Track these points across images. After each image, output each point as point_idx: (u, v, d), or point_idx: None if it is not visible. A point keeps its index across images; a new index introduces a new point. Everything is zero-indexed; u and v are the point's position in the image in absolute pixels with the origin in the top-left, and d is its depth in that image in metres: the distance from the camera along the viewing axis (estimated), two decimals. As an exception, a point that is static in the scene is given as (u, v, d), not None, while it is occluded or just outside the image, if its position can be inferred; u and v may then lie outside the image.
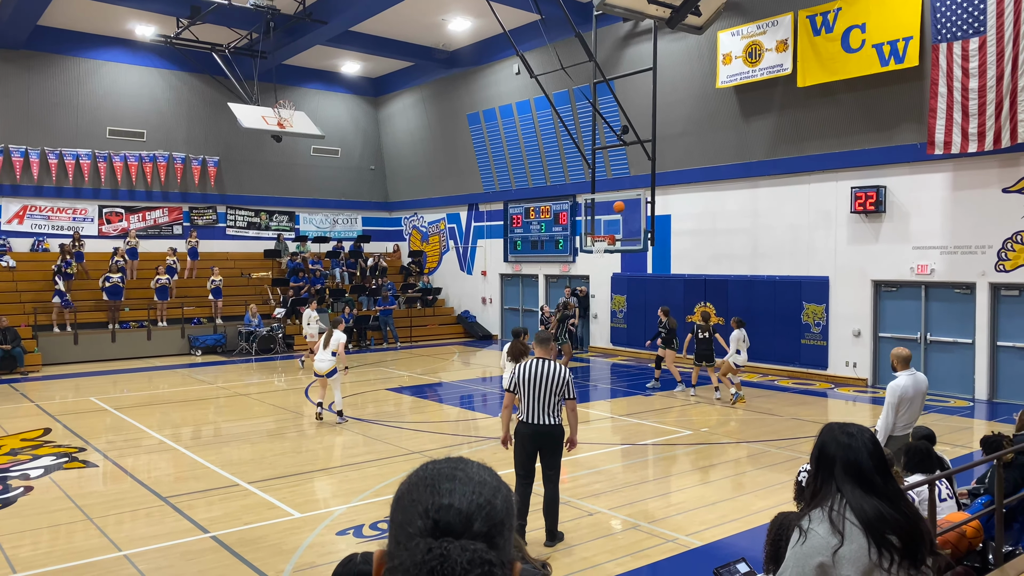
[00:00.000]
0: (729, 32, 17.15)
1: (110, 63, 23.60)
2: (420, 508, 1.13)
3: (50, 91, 22.82)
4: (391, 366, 19.48)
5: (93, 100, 23.49)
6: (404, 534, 1.12)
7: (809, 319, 16.71)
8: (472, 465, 1.22)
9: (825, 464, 2.63)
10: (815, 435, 2.74)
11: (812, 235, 16.65)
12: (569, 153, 21.80)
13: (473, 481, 1.17)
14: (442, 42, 23.68)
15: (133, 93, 24.13)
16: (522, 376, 6.86)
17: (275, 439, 11.50)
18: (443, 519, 1.11)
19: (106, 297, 20.82)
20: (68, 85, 23.07)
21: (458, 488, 1.15)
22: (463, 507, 1.12)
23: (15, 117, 22.29)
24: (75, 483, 9.18)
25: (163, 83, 24.61)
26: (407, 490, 1.18)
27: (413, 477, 1.20)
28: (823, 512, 2.54)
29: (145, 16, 21.06)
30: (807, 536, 2.52)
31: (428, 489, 1.15)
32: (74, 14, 21.04)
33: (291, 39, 21.57)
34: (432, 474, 1.18)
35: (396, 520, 1.15)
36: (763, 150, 17.33)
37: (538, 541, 6.99)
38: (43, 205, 22.97)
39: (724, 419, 12.70)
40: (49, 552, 6.98)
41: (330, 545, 7.10)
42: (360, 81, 28.35)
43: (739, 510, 7.93)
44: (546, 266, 23.50)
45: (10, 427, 12.29)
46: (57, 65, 22.83)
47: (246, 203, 26.56)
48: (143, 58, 23.95)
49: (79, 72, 23.19)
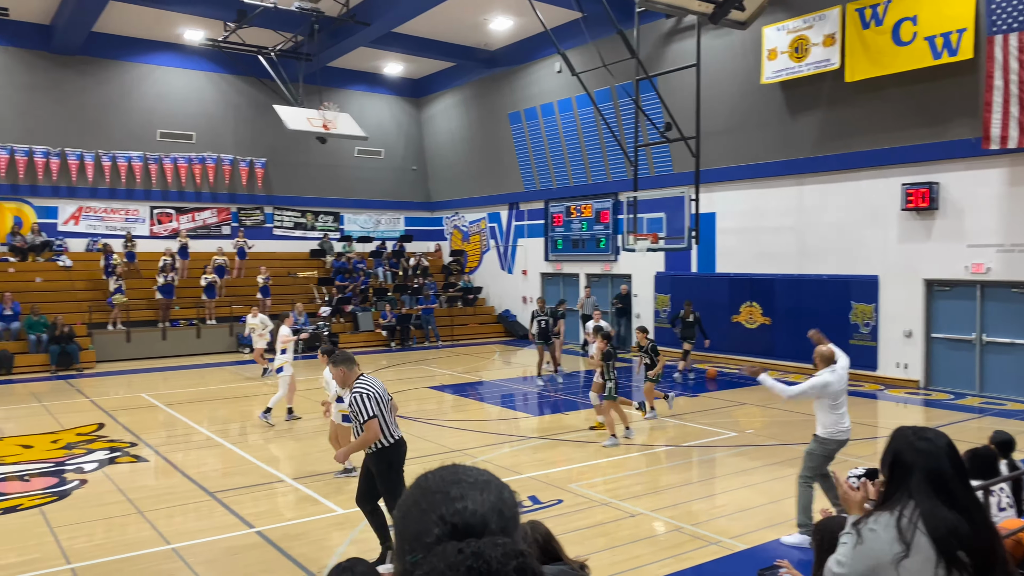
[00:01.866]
0: (774, 27, 16.86)
1: (160, 67, 24.17)
2: (435, 516, 1.13)
3: (104, 95, 23.46)
4: (432, 364, 19.59)
5: (144, 104, 24.09)
6: (421, 545, 1.12)
7: (858, 319, 16.35)
8: (470, 469, 1.23)
9: (901, 471, 2.50)
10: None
11: (861, 233, 16.28)
12: (611, 151, 21.68)
13: (479, 483, 1.19)
14: (483, 42, 23.74)
15: (182, 96, 24.68)
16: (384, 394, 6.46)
17: (319, 436, 11.64)
18: (461, 522, 1.12)
19: (158, 295, 21.34)
20: (121, 89, 23.70)
21: (467, 491, 1.16)
22: (478, 508, 1.14)
23: (71, 121, 22.97)
24: (127, 477, 9.41)
25: (211, 86, 25.12)
26: (413, 503, 1.18)
27: (416, 490, 1.21)
28: (891, 517, 2.43)
29: (194, 20, 21.53)
30: (865, 538, 2.43)
31: (438, 496, 1.16)
32: (126, 20, 21.60)
33: (335, 41, 21.83)
34: (437, 482, 1.19)
35: (408, 534, 1.15)
36: (809, 146, 17.01)
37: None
38: (97, 206, 23.63)
39: (770, 421, 12.49)
40: (102, 544, 7.17)
41: (372, 542, 7.15)
42: (402, 82, 28.58)
43: (785, 513, 7.78)
44: (587, 265, 23.39)
45: (66, 422, 12.66)
46: (110, 70, 23.46)
47: (292, 204, 26.99)
48: (192, 62, 24.49)
49: (131, 76, 23.80)
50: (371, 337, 23.48)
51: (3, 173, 22.03)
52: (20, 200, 22.48)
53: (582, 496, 8.41)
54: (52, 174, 22.70)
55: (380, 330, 23.52)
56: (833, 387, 6.98)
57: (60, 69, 22.64)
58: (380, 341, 23.35)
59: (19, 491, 8.82)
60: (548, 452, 10.62)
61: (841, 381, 7.07)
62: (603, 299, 22.97)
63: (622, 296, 21.58)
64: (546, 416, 13.19)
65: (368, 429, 6.21)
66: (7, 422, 12.67)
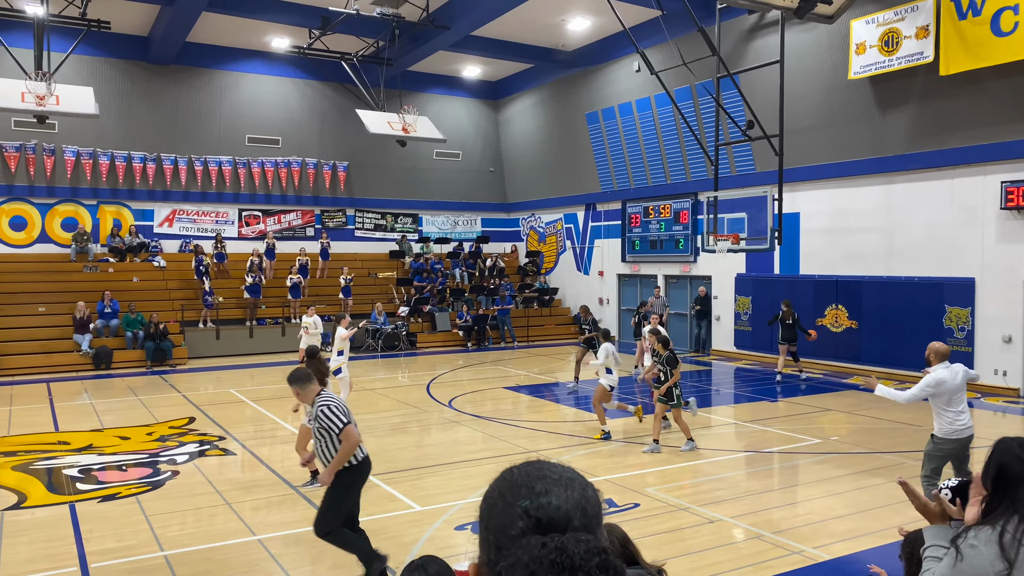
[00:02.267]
0: (863, 20, 16.26)
1: (249, 74, 25.08)
2: (519, 510, 1.14)
3: (196, 103, 24.51)
4: (508, 365, 19.68)
5: (234, 110, 25.05)
6: (506, 537, 1.13)
7: (952, 323, 15.60)
8: (555, 465, 1.24)
9: (1006, 485, 2.39)
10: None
11: (955, 233, 15.54)
12: (691, 150, 21.33)
13: (564, 479, 1.19)
14: (561, 42, 23.72)
15: (269, 103, 25.54)
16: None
17: (398, 433, 11.86)
18: (545, 517, 1.13)
19: (246, 295, 22.15)
20: (212, 97, 24.71)
21: (552, 487, 1.17)
22: (562, 504, 1.15)
23: (166, 128, 24.09)
24: (216, 470, 9.79)
25: (296, 92, 25.92)
26: (498, 496, 1.20)
27: (501, 484, 1.22)
28: (993, 532, 2.32)
29: (281, 29, 22.27)
30: (965, 555, 2.32)
31: (524, 490, 1.17)
32: (218, 30, 22.51)
33: (415, 46, 22.20)
34: (522, 477, 1.20)
35: (493, 526, 1.17)
36: (900, 143, 16.34)
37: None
38: (189, 209, 24.69)
39: (856, 428, 12.06)
40: (193, 533, 7.48)
41: (448, 539, 7.24)
42: (480, 85, 28.83)
43: (871, 524, 7.51)
44: (665, 266, 23.08)
45: (160, 415, 13.26)
46: (202, 78, 24.49)
47: (373, 206, 27.58)
48: (279, 69, 25.32)
49: (222, 84, 24.79)
50: (448, 337, 23.77)
51: (105, 178, 23.27)
52: (119, 203, 23.70)
53: (659, 500, 8.30)
54: (148, 178, 23.84)
55: (457, 330, 23.78)
56: (947, 384, 6.68)
57: (156, 78, 23.77)
58: (457, 341, 23.61)
59: (117, 480, 9.29)
60: (624, 455, 10.52)
61: (956, 377, 6.75)
62: (682, 301, 22.64)
63: (701, 298, 21.23)
64: (620, 418, 13.06)
65: (347, 437, 5.93)
66: (107, 414, 13.36)
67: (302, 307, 22.89)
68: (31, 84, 15.13)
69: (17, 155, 22.10)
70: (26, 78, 15.28)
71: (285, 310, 22.78)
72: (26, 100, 15.08)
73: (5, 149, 21.93)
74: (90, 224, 23.15)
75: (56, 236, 22.77)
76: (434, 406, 14.09)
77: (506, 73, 27.74)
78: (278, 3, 20.15)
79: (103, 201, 23.41)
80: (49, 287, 21.02)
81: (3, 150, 21.92)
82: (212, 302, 21.51)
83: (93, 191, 23.19)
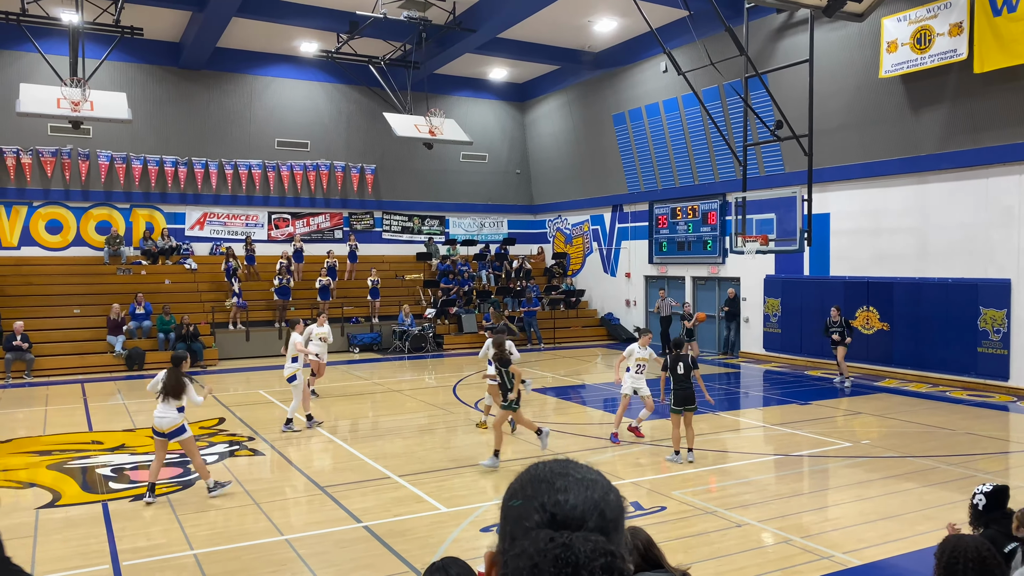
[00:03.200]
0: (894, 18, 16.02)
1: (278, 79, 25.36)
2: (537, 503, 1.16)
3: (226, 107, 24.83)
4: (535, 367, 19.66)
5: (263, 114, 25.34)
6: (521, 528, 1.15)
7: (987, 325, 15.30)
8: (581, 466, 1.25)
9: None
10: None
11: (989, 233, 15.24)
12: (719, 151, 21.16)
13: (586, 480, 1.20)
14: (588, 44, 23.67)
15: (298, 107, 25.80)
16: None
17: (425, 434, 11.90)
18: (560, 513, 1.14)
19: (276, 297, 22.38)
20: (242, 101, 25.02)
21: (572, 485, 1.18)
22: (578, 503, 1.16)
23: (197, 132, 24.44)
24: (245, 470, 9.91)
25: (325, 96, 26.15)
26: (520, 487, 1.22)
27: (525, 476, 1.24)
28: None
29: (309, 33, 22.49)
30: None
31: (544, 485, 1.19)
32: (247, 35, 22.79)
33: (441, 49, 22.29)
34: (546, 472, 1.22)
35: (512, 516, 1.19)
36: (933, 142, 16.07)
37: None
38: (220, 212, 25.02)
39: (888, 432, 11.87)
40: (222, 532, 7.57)
41: (474, 540, 7.25)
42: (507, 87, 28.86)
43: (903, 530, 7.38)
44: (693, 268, 22.92)
45: (190, 415, 13.40)
46: (233, 83, 24.81)
47: (400, 208, 27.74)
48: (307, 73, 25.57)
49: (251, 88, 25.09)
50: (475, 339, 23.78)
51: (137, 182, 23.66)
52: (152, 207, 24.08)
53: (686, 504, 8.24)
54: (180, 182, 24.20)
55: (483, 332, 23.79)
56: None
57: (187, 83, 24.12)
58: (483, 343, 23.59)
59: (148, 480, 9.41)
60: (651, 458, 10.47)
61: None
62: (710, 303, 22.46)
63: (730, 300, 21.05)
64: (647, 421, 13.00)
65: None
66: (139, 414, 13.57)
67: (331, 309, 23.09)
68: (67, 90, 15.42)
69: (53, 160, 22.55)
70: (62, 84, 15.58)
71: (314, 312, 22.94)
72: (62, 106, 15.39)
73: (42, 154, 22.39)
74: (123, 227, 23.55)
75: (90, 239, 23.20)
76: (460, 408, 14.12)
77: (532, 75, 27.74)
78: (307, 8, 20.35)
79: (136, 205, 23.80)
80: (83, 289, 21.41)
81: (40, 155, 22.38)
82: (244, 301, 21.78)
83: (126, 195, 23.59)
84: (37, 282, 21.31)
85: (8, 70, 21.59)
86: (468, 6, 20.18)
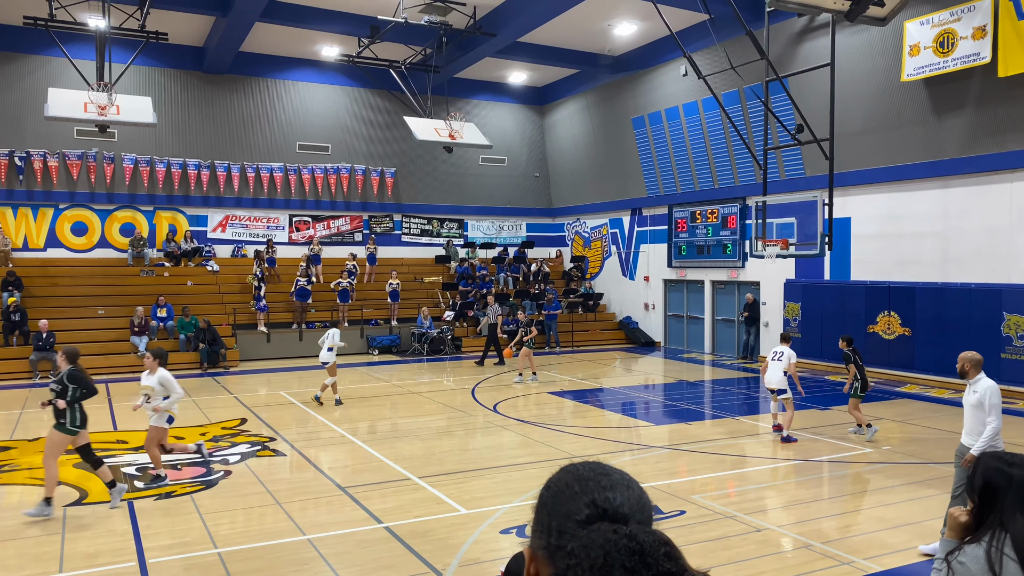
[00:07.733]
0: (917, 21, 15.92)
1: (299, 83, 25.59)
2: (586, 499, 1.24)
3: (249, 111, 25.09)
4: (553, 370, 19.68)
5: (285, 118, 25.58)
6: (572, 523, 1.23)
7: (1011, 331, 15.15)
8: (614, 467, 1.34)
9: (990, 498, 2.48)
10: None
11: (1014, 238, 15.09)
12: (739, 154, 21.10)
13: (625, 480, 1.30)
14: (607, 47, 23.69)
15: (319, 111, 26.02)
16: None
17: (444, 436, 11.97)
18: (610, 509, 1.23)
19: (295, 299, 22.57)
20: (263, 105, 25.27)
21: (616, 484, 1.28)
22: (624, 501, 1.25)
23: (220, 135, 24.72)
24: (266, 470, 10.01)
25: (345, 100, 26.35)
26: (565, 485, 1.29)
27: (566, 475, 1.32)
28: (979, 547, 2.43)
29: (330, 38, 22.69)
30: (955, 571, 2.44)
31: (589, 483, 1.27)
32: (270, 40, 23.03)
33: (461, 53, 22.41)
34: (587, 472, 1.30)
35: (559, 512, 1.25)
36: (956, 146, 15.94)
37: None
38: (242, 215, 25.27)
39: (909, 437, 11.79)
40: (244, 531, 7.67)
41: (493, 542, 7.30)
42: (526, 91, 28.93)
43: (925, 535, 7.34)
44: (712, 272, 22.84)
45: (213, 416, 13.60)
46: (255, 87, 25.07)
47: (420, 211, 27.88)
48: (328, 77, 25.78)
49: (273, 92, 25.33)
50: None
51: (161, 185, 23.96)
52: (175, 209, 24.37)
53: (706, 508, 8.24)
54: (203, 185, 24.47)
55: (502, 335, 23.83)
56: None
57: (211, 87, 24.40)
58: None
59: (172, 479, 9.56)
60: (670, 462, 10.47)
61: None
62: (729, 307, 22.38)
63: (749, 304, 20.97)
64: (666, 425, 12.99)
65: None
66: (162, 414, 13.72)
67: (351, 312, 23.25)
68: (93, 95, 15.67)
69: (79, 163, 22.89)
70: (89, 89, 15.83)
71: (334, 314, 23.14)
72: (88, 110, 15.63)
73: (68, 157, 22.74)
74: (147, 229, 23.86)
75: (115, 241, 23.52)
76: (479, 410, 14.18)
77: (552, 79, 27.80)
78: (328, 13, 20.54)
79: (159, 207, 24.11)
80: (108, 290, 21.70)
81: (66, 158, 22.73)
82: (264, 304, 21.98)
83: (150, 197, 23.90)
84: (62, 283, 21.63)
85: (36, 75, 21.95)
86: (488, 10, 20.27)
